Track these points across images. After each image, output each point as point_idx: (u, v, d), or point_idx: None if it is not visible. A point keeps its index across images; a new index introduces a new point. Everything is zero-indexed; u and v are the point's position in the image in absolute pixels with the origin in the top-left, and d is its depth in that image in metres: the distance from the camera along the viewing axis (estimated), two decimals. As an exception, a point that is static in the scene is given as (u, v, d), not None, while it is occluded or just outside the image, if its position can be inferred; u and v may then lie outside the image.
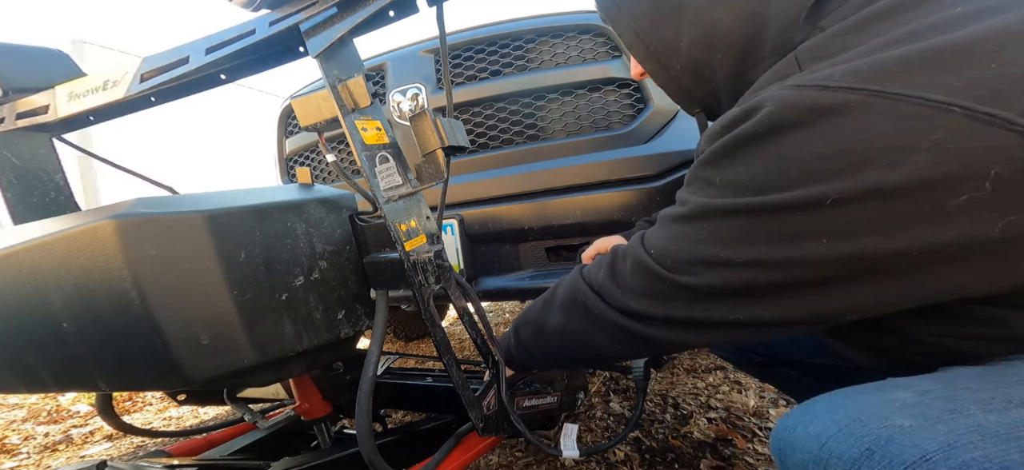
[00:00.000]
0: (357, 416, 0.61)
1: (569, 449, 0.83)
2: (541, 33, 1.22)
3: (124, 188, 4.44)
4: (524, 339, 0.72)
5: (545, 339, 0.68)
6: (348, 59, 0.61)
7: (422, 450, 0.90)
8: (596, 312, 0.58)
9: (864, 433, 0.35)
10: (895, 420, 0.35)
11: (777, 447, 0.44)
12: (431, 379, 0.96)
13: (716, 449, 1.17)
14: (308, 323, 0.62)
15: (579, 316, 0.61)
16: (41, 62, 0.80)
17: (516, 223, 1.19)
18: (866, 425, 0.36)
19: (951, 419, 0.33)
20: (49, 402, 2.06)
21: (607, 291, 0.57)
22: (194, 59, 0.67)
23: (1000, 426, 0.31)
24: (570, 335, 0.64)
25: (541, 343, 0.69)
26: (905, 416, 0.35)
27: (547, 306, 0.67)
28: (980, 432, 0.31)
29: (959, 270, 0.37)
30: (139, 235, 0.49)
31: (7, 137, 0.80)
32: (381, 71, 1.35)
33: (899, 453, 0.32)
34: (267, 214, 0.59)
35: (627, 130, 1.16)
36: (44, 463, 1.50)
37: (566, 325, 0.63)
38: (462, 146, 0.67)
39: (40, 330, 0.55)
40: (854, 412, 0.38)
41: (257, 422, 0.95)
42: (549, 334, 0.66)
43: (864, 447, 0.34)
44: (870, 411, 0.37)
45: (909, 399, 0.37)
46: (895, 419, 0.35)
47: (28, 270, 0.53)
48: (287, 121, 1.62)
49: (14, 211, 0.81)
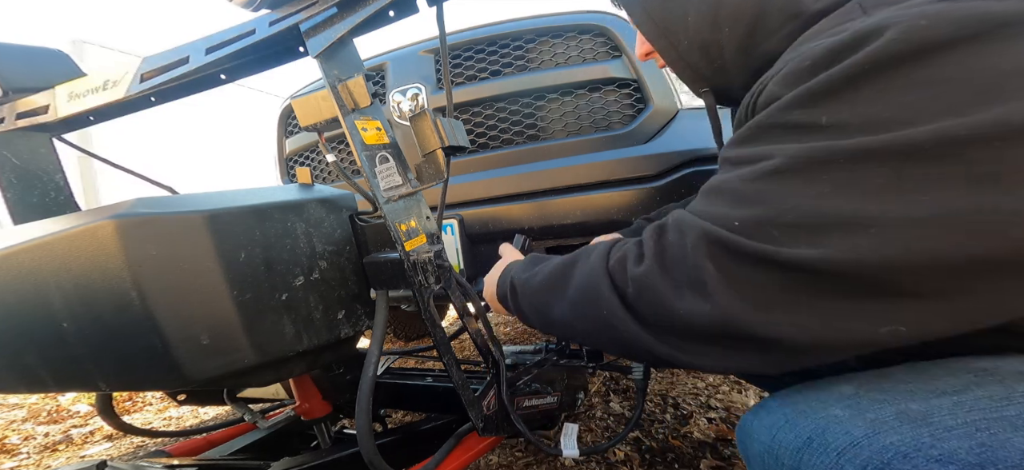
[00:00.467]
0: (357, 416, 0.61)
1: (569, 448, 0.83)
2: (541, 33, 1.22)
3: (124, 188, 4.44)
4: (523, 307, 0.62)
5: (547, 322, 0.58)
6: (348, 59, 0.61)
7: (422, 450, 0.90)
8: (626, 334, 0.45)
9: (806, 423, 0.38)
10: (833, 410, 0.37)
11: (740, 438, 0.47)
12: (431, 379, 0.96)
13: (716, 449, 1.17)
14: (308, 323, 0.62)
15: (597, 323, 0.48)
16: (41, 62, 0.80)
17: (516, 223, 1.19)
18: (808, 416, 0.39)
19: (878, 407, 0.35)
20: (49, 402, 2.06)
21: (651, 295, 0.42)
22: (194, 59, 0.67)
23: (918, 413, 0.33)
24: (581, 334, 0.53)
25: (541, 320, 0.60)
26: (841, 406, 0.37)
27: (556, 288, 0.55)
28: (901, 417, 0.34)
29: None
30: (139, 235, 0.49)
31: (7, 137, 0.80)
32: (381, 71, 1.35)
33: (833, 439, 0.35)
34: (267, 214, 0.59)
35: (627, 130, 1.16)
36: (44, 463, 1.50)
37: (577, 324, 0.52)
38: (462, 146, 0.67)
39: (40, 330, 0.55)
40: (801, 405, 0.40)
41: (257, 422, 0.95)
42: (554, 322, 0.57)
43: (806, 436, 0.37)
44: (813, 403, 0.39)
45: (849, 391, 0.39)
46: (833, 409, 0.37)
47: (28, 270, 0.53)
48: (287, 121, 1.62)
49: (14, 211, 0.81)
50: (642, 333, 0.44)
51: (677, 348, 0.42)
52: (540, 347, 0.99)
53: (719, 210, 0.40)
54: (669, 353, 0.43)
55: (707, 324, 0.38)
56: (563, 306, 0.54)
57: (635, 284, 0.44)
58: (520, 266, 0.65)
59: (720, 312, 0.37)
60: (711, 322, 0.38)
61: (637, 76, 1.14)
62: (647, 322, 0.43)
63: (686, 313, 0.39)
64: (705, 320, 0.38)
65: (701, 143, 1.09)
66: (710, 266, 0.38)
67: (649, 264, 0.43)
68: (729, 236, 0.38)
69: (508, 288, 0.65)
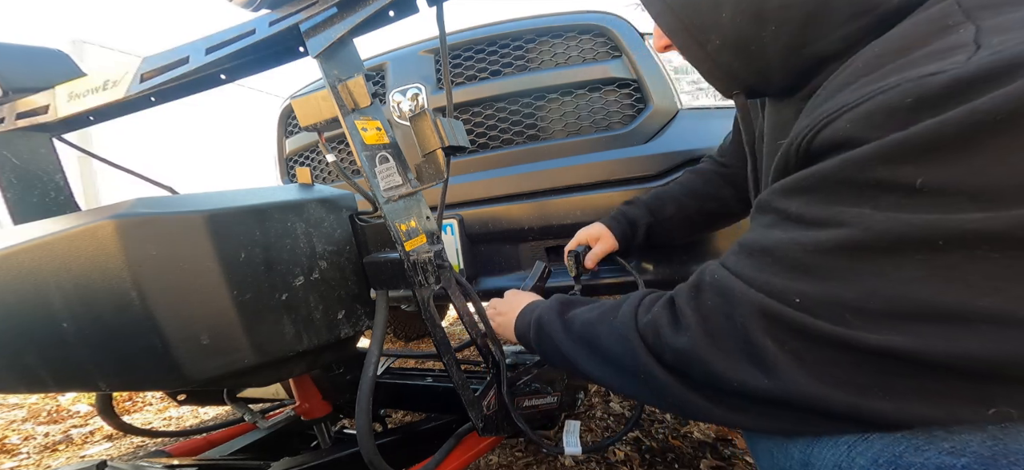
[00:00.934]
0: (357, 416, 0.61)
1: (572, 446, 0.83)
2: (541, 33, 1.22)
3: (124, 188, 4.44)
4: (547, 353, 0.61)
5: (578, 373, 0.55)
6: (348, 59, 0.61)
7: (422, 450, 0.89)
8: (676, 397, 0.41)
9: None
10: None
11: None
12: (431, 379, 0.96)
13: (716, 449, 1.17)
14: (308, 323, 0.62)
15: (638, 384, 0.45)
16: (41, 62, 0.80)
17: (516, 223, 1.19)
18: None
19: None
20: (49, 402, 2.06)
21: (701, 367, 0.37)
22: (194, 59, 0.67)
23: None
24: (619, 390, 0.50)
25: (571, 370, 0.58)
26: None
27: (585, 347, 0.52)
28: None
29: None
30: (139, 235, 0.49)
31: (7, 137, 0.80)
32: (381, 71, 1.35)
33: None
34: (267, 214, 0.59)
35: (627, 130, 1.16)
36: (44, 463, 1.50)
37: (614, 382, 0.49)
38: (462, 146, 0.67)
39: (40, 330, 0.55)
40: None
41: (257, 422, 0.95)
42: (587, 376, 0.53)
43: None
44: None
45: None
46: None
47: (28, 270, 0.53)
48: (287, 121, 1.62)
49: (14, 211, 0.81)
50: (692, 397, 0.40)
51: (736, 412, 0.38)
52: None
53: (775, 281, 0.34)
54: (728, 417, 0.38)
55: (767, 396, 0.34)
56: (594, 362, 0.51)
57: (677, 355, 0.39)
58: (549, 308, 0.62)
59: (783, 387, 0.33)
60: (772, 395, 0.34)
61: (637, 76, 1.14)
62: (696, 387, 0.39)
63: (742, 383, 0.35)
64: (764, 393, 0.34)
65: (701, 143, 1.09)
66: (770, 343, 0.33)
67: (693, 335, 0.38)
68: (792, 314, 0.32)
69: (533, 328, 0.63)
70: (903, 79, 0.30)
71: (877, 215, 0.30)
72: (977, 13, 0.31)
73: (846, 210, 0.31)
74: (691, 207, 0.93)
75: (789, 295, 0.33)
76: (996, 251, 0.27)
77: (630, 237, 0.97)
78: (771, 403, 0.35)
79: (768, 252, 0.35)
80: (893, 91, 0.30)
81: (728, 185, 0.92)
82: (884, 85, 0.31)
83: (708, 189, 0.93)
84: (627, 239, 0.97)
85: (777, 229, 0.36)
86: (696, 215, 0.94)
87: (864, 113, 0.31)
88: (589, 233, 0.99)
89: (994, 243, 0.27)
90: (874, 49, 0.36)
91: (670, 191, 0.96)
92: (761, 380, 0.34)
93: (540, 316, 0.62)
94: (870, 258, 0.30)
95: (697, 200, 0.93)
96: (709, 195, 0.92)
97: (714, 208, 0.93)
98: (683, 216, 0.94)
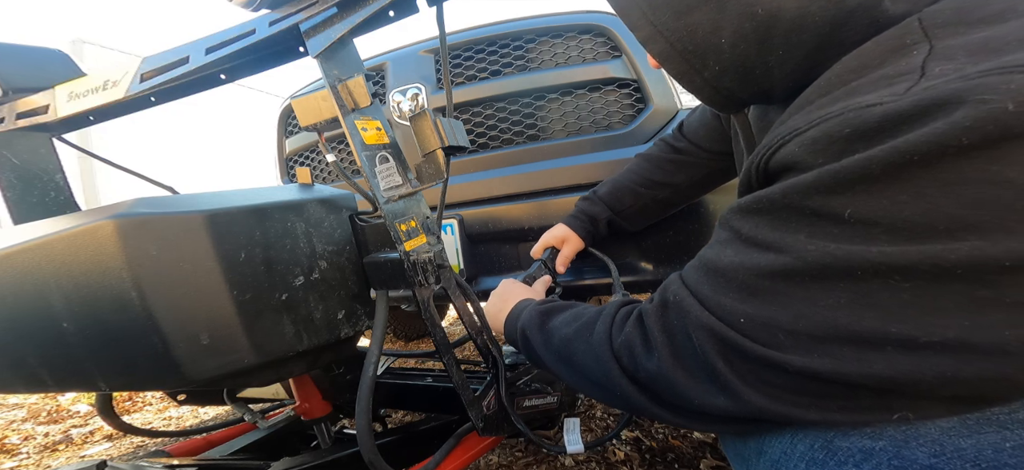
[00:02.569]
0: (357, 416, 0.61)
1: (573, 444, 0.82)
2: (541, 33, 1.22)
3: (123, 188, 4.44)
4: (532, 359, 0.64)
5: (562, 380, 0.59)
6: (348, 59, 0.61)
7: (422, 450, 0.90)
8: (649, 411, 0.44)
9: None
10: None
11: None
12: (431, 379, 0.96)
13: (716, 449, 1.17)
14: (308, 323, 0.62)
15: (614, 399, 0.48)
16: (41, 62, 0.80)
17: (516, 223, 1.19)
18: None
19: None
20: (49, 402, 2.06)
21: (668, 387, 0.41)
22: (194, 59, 0.67)
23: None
24: (599, 400, 0.55)
25: (556, 376, 0.64)
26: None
27: (565, 363, 0.55)
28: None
29: None
30: (139, 235, 0.49)
31: (7, 137, 0.80)
32: (381, 71, 1.35)
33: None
34: (267, 214, 0.59)
35: (627, 130, 1.16)
36: (44, 463, 1.50)
37: (593, 393, 0.53)
38: (462, 146, 0.67)
39: (40, 330, 0.55)
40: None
41: (257, 422, 0.95)
42: (569, 384, 0.60)
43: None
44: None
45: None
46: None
47: (29, 270, 0.53)
48: (287, 121, 1.62)
49: (14, 211, 0.81)
50: (664, 413, 0.43)
51: (705, 424, 0.41)
52: None
53: (724, 302, 0.36)
54: (697, 426, 0.43)
55: (725, 414, 0.37)
56: (575, 377, 0.54)
57: (649, 376, 0.42)
58: (530, 319, 0.63)
59: (735, 405, 0.36)
60: (728, 413, 0.37)
61: (637, 76, 1.14)
62: (666, 406, 0.42)
63: (703, 404, 0.38)
64: (723, 410, 0.37)
65: (701, 143, 1.09)
66: (721, 364, 0.36)
67: (661, 357, 0.41)
68: (735, 337, 0.35)
69: (520, 338, 0.65)
70: (846, 108, 0.32)
71: (809, 244, 0.32)
72: (936, 32, 0.32)
73: (787, 236, 0.33)
74: (646, 196, 0.96)
75: (736, 317, 0.35)
76: (907, 280, 0.29)
77: (593, 233, 1.00)
78: (729, 419, 0.38)
79: (722, 273, 0.38)
80: (835, 120, 0.32)
81: (681, 171, 0.94)
82: (830, 112, 0.33)
83: (662, 177, 0.95)
84: (591, 236, 1.00)
85: (730, 248, 0.38)
86: (651, 203, 0.97)
87: (809, 139, 0.33)
88: (554, 235, 1.01)
89: (905, 274, 0.29)
90: (835, 68, 0.37)
91: (625, 182, 0.99)
92: (718, 398, 0.37)
93: (523, 327, 0.63)
94: (803, 284, 0.32)
95: (651, 189, 0.96)
96: (662, 183, 0.95)
97: (667, 196, 0.96)
98: (640, 206, 0.97)
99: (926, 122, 0.27)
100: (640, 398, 0.44)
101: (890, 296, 0.29)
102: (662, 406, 0.43)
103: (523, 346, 0.64)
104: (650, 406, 0.43)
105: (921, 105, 0.28)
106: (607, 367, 0.46)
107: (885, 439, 0.31)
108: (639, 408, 0.45)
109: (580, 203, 1.02)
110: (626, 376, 0.44)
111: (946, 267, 0.27)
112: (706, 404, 0.38)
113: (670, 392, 0.40)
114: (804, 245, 0.32)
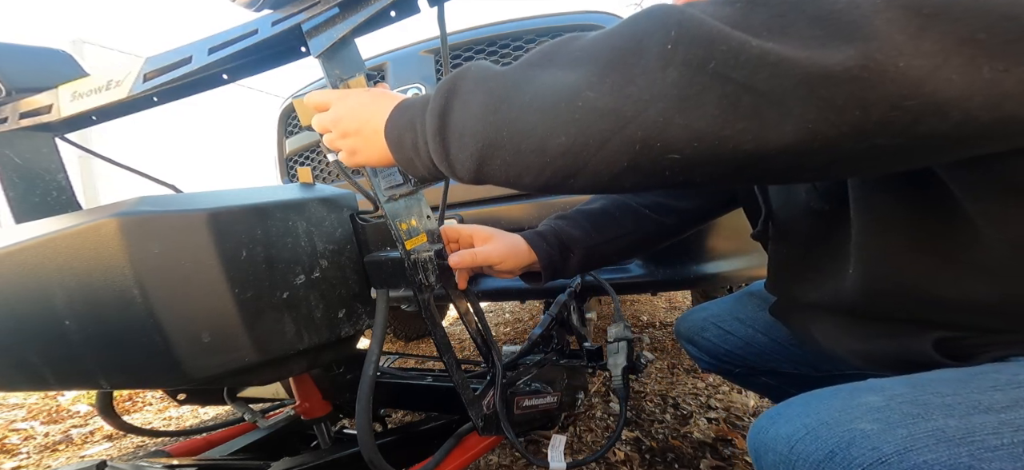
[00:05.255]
0: (357, 416, 0.61)
1: (556, 461, 0.83)
2: (541, 33, 1.22)
3: (123, 188, 4.45)
4: (479, 125, 0.40)
5: (552, 120, 0.36)
6: (349, 59, 0.62)
7: (422, 450, 0.90)
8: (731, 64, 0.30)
9: (829, 436, 0.35)
10: (859, 424, 0.35)
11: (752, 447, 0.44)
12: (431, 379, 0.96)
13: (716, 449, 1.17)
14: (309, 322, 0.62)
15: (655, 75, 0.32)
16: (44, 62, 0.80)
17: (516, 223, 1.19)
18: (831, 428, 0.36)
19: (912, 423, 0.33)
20: (49, 402, 2.06)
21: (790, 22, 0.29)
22: (197, 59, 0.67)
23: (957, 430, 0.31)
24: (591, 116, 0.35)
25: (527, 122, 0.38)
26: (869, 420, 0.35)
27: (541, 62, 0.39)
28: (937, 436, 0.31)
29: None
30: (142, 233, 0.50)
31: (10, 137, 0.80)
32: (382, 71, 1.36)
33: (858, 455, 0.33)
34: (269, 213, 0.59)
35: (627, 131, 1.16)
36: (44, 463, 1.50)
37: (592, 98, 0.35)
38: (463, 146, 0.67)
39: (42, 328, 0.55)
40: (823, 415, 0.37)
41: (257, 422, 0.95)
42: (552, 146, 0.37)
43: (828, 450, 0.35)
44: (837, 414, 0.37)
45: (877, 403, 0.36)
46: (859, 423, 0.35)
47: (31, 268, 0.53)
48: (287, 121, 1.63)
49: (16, 211, 0.81)
50: (781, 47, 0.29)
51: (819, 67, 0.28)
52: (539, 328, 0.99)
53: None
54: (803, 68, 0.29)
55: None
56: (557, 71, 0.37)
57: (769, 14, 0.30)
58: (483, 71, 0.42)
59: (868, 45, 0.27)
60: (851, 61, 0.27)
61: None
62: (792, 37, 0.29)
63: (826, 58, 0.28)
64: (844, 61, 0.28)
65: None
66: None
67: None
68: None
69: (445, 110, 0.43)
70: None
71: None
72: None
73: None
74: (650, 221, 0.80)
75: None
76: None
77: (556, 266, 0.76)
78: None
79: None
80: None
81: (688, 194, 0.80)
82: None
83: (670, 200, 0.81)
84: (552, 269, 0.76)
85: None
86: (651, 233, 0.82)
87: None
88: (495, 251, 0.72)
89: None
90: None
91: (625, 202, 0.81)
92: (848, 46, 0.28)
93: (471, 83, 0.41)
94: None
95: (659, 214, 0.81)
96: (671, 208, 0.81)
97: (673, 223, 0.82)
98: (634, 240, 0.81)
99: None
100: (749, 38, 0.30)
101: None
102: (785, 37, 0.29)
103: (452, 125, 0.42)
104: (760, 41, 0.29)
105: None
106: (697, 25, 0.31)
107: None
108: (744, 53, 0.29)
109: (554, 221, 0.79)
110: (726, 25, 0.30)
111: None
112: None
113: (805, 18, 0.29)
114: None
